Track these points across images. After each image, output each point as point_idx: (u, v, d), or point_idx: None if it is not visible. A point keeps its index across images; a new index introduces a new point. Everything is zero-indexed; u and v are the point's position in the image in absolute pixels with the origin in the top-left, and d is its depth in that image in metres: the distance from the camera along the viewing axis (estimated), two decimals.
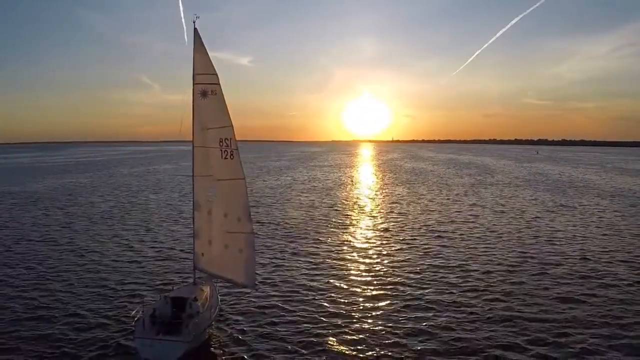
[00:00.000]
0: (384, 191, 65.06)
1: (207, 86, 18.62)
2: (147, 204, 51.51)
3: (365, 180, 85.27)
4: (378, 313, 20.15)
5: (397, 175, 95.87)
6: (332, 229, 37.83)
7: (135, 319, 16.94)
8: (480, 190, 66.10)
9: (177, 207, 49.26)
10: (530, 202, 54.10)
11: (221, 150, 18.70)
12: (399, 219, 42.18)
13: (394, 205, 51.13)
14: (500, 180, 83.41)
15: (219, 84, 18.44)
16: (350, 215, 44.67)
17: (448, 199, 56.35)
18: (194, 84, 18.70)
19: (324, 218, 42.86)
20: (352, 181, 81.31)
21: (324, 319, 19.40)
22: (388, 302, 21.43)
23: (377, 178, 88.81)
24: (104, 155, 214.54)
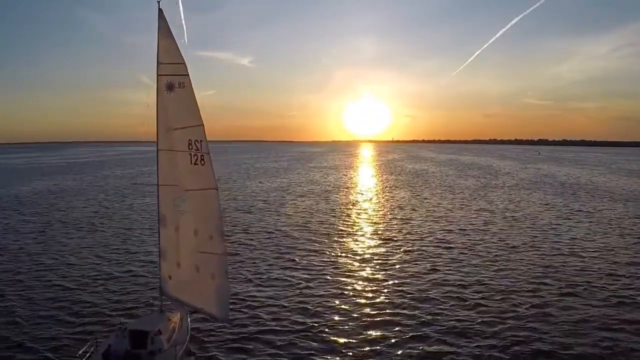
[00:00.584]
0: (385, 195, 61.80)
1: (173, 78, 15.39)
2: (131, 210, 48.25)
3: (366, 182, 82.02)
4: (381, 347, 16.86)
5: (399, 177, 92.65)
6: (328, 239, 34.54)
7: (85, 357, 13.88)
8: (487, 193, 62.83)
9: None
10: (542, 207, 50.82)
11: (190, 154, 15.50)
12: (402, 227, 38.89)
13: (396, 211, 47.83)
14: (506, 182, 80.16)
15: (188, 74, 15.23)
16: (349, 223, 41.40)
17: (453, 203, 53.07)
18: (158, 75, 15.44)
19: (320, 226, 39.59)
20: (351, 184, 78.04)
21: (317, 357, 16.16)
22: (393, 331, 18.13)
23: (378, 180, 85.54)
24: (102, 156, 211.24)
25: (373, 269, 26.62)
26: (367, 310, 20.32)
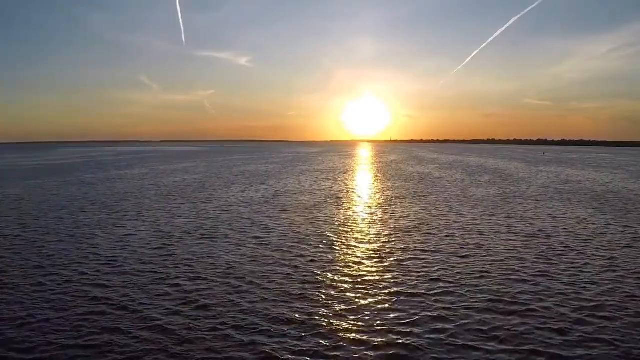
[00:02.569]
0: (389, 209, 50.53)
1: None
2: (64, 231, 36.92)
3: (364, 191, 70.68)
4: None
5: (402, 183, 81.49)
6: (315, 285, 23.27)
7: None
8: (514, 207, 51.73)
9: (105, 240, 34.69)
10: (594, 227, 39.46)
11: None
12: (419, 265, 27.63)
13: (407, 236, 36.44)
14: (527, 190, 69.19)
15: None
16: (344, 254, 30.14)
17: (477, 223, 41.88)
18: None
19: (305, 262, 28.35)
20: (347, 193, 66.56)
21: None
22: None
23: (379, 188, 74.19)
24: (86, 156, 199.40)
25: (382, 334, 15.41)
26: None
